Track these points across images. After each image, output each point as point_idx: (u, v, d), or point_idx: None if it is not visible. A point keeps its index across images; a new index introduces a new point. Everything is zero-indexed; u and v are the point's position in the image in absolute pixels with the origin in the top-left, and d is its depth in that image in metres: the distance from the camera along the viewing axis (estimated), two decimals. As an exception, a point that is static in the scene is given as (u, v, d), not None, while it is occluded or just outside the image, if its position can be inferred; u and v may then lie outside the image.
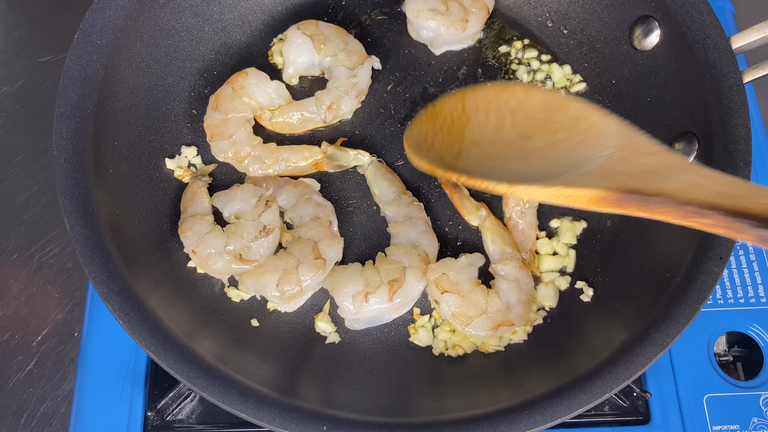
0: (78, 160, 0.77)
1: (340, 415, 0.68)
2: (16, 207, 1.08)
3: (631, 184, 0.59)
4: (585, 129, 0.69)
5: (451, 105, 0.78)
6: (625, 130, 0.66)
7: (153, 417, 0.86)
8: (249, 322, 0.84)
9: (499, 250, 0.86)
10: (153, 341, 0.69)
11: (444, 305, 0.81)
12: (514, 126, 0.73)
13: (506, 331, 0.81)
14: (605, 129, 0.67)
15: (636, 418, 0.87)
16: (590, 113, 0.69)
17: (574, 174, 0.64)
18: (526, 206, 0.88)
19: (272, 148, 0.90)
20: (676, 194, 0.57)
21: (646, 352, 0.68)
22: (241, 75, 0.92)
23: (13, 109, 1.16)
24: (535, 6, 1.01)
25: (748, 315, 0.93)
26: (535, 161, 0.70)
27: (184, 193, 0.87)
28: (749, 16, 1.17)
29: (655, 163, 0.61)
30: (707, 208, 0.55)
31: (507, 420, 0.66)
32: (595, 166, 0.64)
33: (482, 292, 0.82)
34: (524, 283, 0.83)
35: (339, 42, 0.94)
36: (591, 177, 0.63)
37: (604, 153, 0.65)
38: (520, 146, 0.72)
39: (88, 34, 0.83)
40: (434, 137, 0.77)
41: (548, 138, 0.70)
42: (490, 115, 0.75)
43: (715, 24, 0.81)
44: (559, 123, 0.71)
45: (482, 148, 0.74)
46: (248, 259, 0.81)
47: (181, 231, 0.83)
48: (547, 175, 0.66)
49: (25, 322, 1.01)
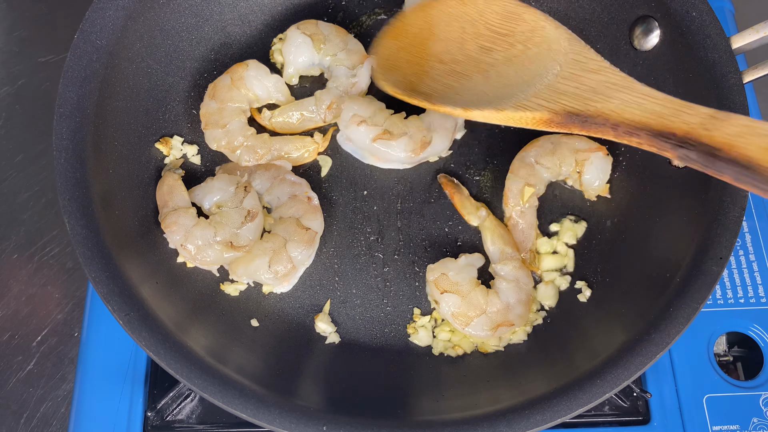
0: (78, 160, 0.77)
1: (340, 415, 0.68)
2: (16, 207, 1.08)
3: (573, 106, 0.64)
4: (539, 42, 0.72)
5: (415, 18, 0.80)
6: (574, 44, 0.70)
7: (153, 417, 0.86)
8: (249, 322, 0.84)
9: (498, 250, 0.86)
10: (153, 341, 0.69)
11: (444, 305, 0.81)
12: (475, 38, 0.76)
13: (506, 331, 0.81)
14: (557, 42, 0.71)
15: (636, 418, 0.87)
16: (544, 24, 0.73)
17: (523, 96, 0.68)
18: (526, 206, 0.88)
19: (265, 139, 0.91)
20: (611, 115, 0.61)
21: (646, 352, 0.68)
22: (241, 66, 0.92)
23: (13, 109, 1.16)
24: (535, 6, 1.00)
25: (748, 315, 0.93)
26: (494, 79, 0.73)
27: (159, 187, 0.86)
28: (749, 16, 1.17)
29: (598, 81, 0.65)
30: (637, 128, 0.60)
31: (507, 420, 0.66)
32: (544, 86, 0.68)
33: (482, 292, 0.82)
34: (524, 283, 0.83)
35: (339, 41, 0.94)
36: (538, 100, 0.67)
37: (553, 71, 0.69)
38: (481, 61, 0.75)
39: (88, 34, 0.83)
40: (398, 55, 0.79)
41: (506, 51, 0.74)
42: (452, 25, 0.78)
43: (715, 24, 0.81)
44: (516, 35, 0.74)
45: (446, 65, 0.77)
46: (239, 245, 0.81)
47: (166, 226, 0.82)
48: (502, 96, 0.69)
49: (25, 322, 1.01)
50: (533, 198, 0.88)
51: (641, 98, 0.62)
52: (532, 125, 0.67)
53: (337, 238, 0.89)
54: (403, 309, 0.86)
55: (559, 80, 0.68)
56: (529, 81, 0.69)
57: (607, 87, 0.64)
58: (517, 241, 0.87)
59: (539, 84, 0.68)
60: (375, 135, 0.87)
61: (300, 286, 0.87)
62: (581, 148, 0.88)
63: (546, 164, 0.88)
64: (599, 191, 0.89)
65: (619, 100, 0.63)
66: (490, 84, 0.73)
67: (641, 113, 0.60)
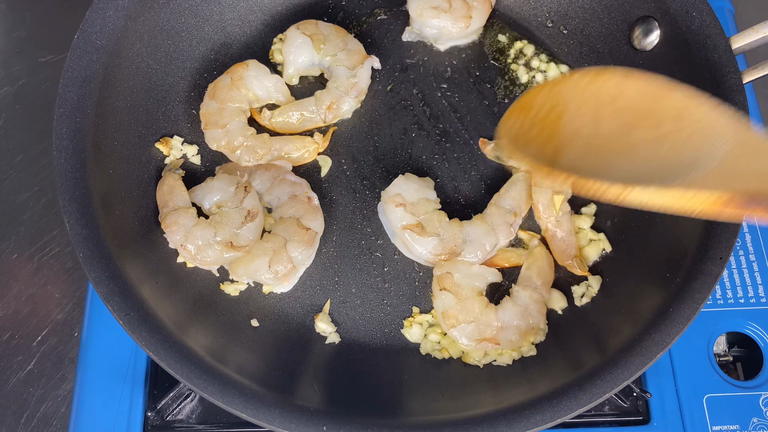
0: (78, 160, 0.77)
1: (340, 415, 0.68)
2: (16, 207, 1.08)
3: (758, 186, 0.54)
4: (692, 122, 0.63)
5: (542, 97, 0.73)
6: (739, 126, 0.60)
7: (153, 417, 0.86)
8: (249, 323, 0.84)
9: (528, 276, 0.84)
10: (153, 341, 0.69)
11: (438, 301, 0.81)
12: (614, 116, 0.68)
13: (490, 347, 0.80)
14: (715, 123, 0.61)
15: (636, 418, 0.87)
16: (696, 104, 0.63)
17: (691, 175, 0.59)
18: (560, 214, 0.85)
19: (265, 139, 0.91)
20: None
21: (646, 352, 0.68)
22: (241, 66, 0.92)
23: (13, 109, 1.16)
24: (535, 6, 1.01)
25: (748, 315, 0.93)
26: (643, 158, 0.64)
27: (159, 187, 0.86)
28: (749, 16, 1.17)
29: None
30: None
31: (507, 420, 0.66)
32: (714, 164, 0.58)
33: (481, 303, 0.81)
34: (531, 315, 0.81)
35: (339, 42, 0.94)
36: (712, 178, 0.57)
37: (720, 150, 0.59)
38: (624, 138, 0.66)
39: (88, 34, 0.83)
40: (529, 130, 0.72)
41: (653, 131, 0.65)
42: (585, 105, 0.70)
43: (714, 24, 0.81)
44: (664, 113, 0.65)
45: (583, 139, 0.68)
46: (239, 245, 0.81)
47: (166, 226, 0.82)
48: (660, 176, 0.60)
49: (25, 322, 1.01)
50: (565, 204, 0.86)
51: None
52: (707, 207, 0.56)
53: (337, 238, 0.89)
54: (403, 309, 0.86)
55: (732, 160, 0.58)
56: (689, 162, 0.60)
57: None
58: (559, 252, 0.86)
59: (708, 163, 0.59)
60: (406, 224, 0.85)
61: (300, 286, 0.87)
62: None
63: None
64: None
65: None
66: (639, 164, 0.64)
67: None
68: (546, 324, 0.82)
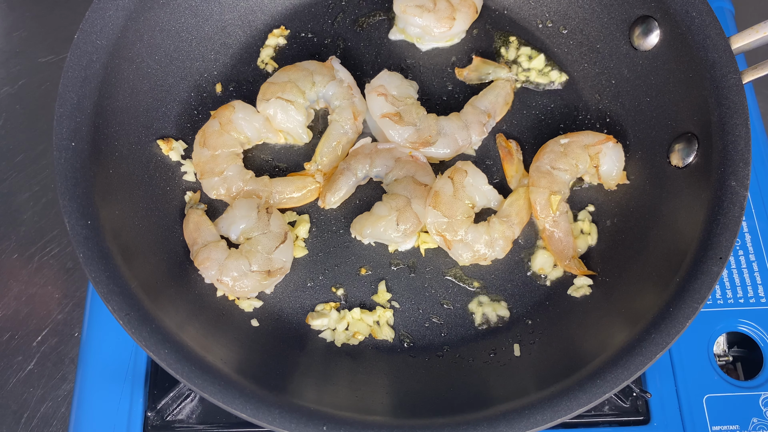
0: (78, 160, 0.77)
1: (340, 415, 0.68)
2: (16, 207, 1.08)
3: None
4: None
5: None
6: None
7: (153, 417, 0.86)
8: (249, 323, 0.84)
9: (507, 213, 0.87)
10: (153, 341, 0.69)
11: (439, 182, 0.85)
12: None
13: (443, 245, 0.85)
14: None
15: (636, 418, 0.87)
16: None
17: None
18: (557, 213, 0.86)
19: (265, 182, 0.89)
20: None
21: (646, 352, 0.68)
22: (227, 108, 0.90)
23: (13, 109, 1.16)
24: (535, 6, 1.01)
25: (748, 315, 0.93)
26: None
27: (185, 225, 0.86)
28: (749, 16, 1.17)
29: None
30: None
31: (507, 420, 0.66)
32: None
33: (466, 212, 0.85)
34: (494, 247, 0.85)
35: (325, 76, 0.92)
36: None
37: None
38: None
39: (88, 34, 0.83)
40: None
41: None
42: None
43: (714, 24, 0.81)
44: None
45: None
46: (275, 270, 0.82)
47: (199, 263, 0.81)
48: None
49: (25, 322, 1.01)
50: (562, 204, 0.87)
51: None
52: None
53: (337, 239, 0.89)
54: (403, 308, 0.86)
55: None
56: None
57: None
58: (557, 252, 0.86)
59: None
60: (386, 112, 0.88)
61: (300, 286, 0.87)
62: (591, 143, 0.88)
63: (563, 167, 0.87)
64: (618, 180, 0.88)
65: None
66: None
67: None
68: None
